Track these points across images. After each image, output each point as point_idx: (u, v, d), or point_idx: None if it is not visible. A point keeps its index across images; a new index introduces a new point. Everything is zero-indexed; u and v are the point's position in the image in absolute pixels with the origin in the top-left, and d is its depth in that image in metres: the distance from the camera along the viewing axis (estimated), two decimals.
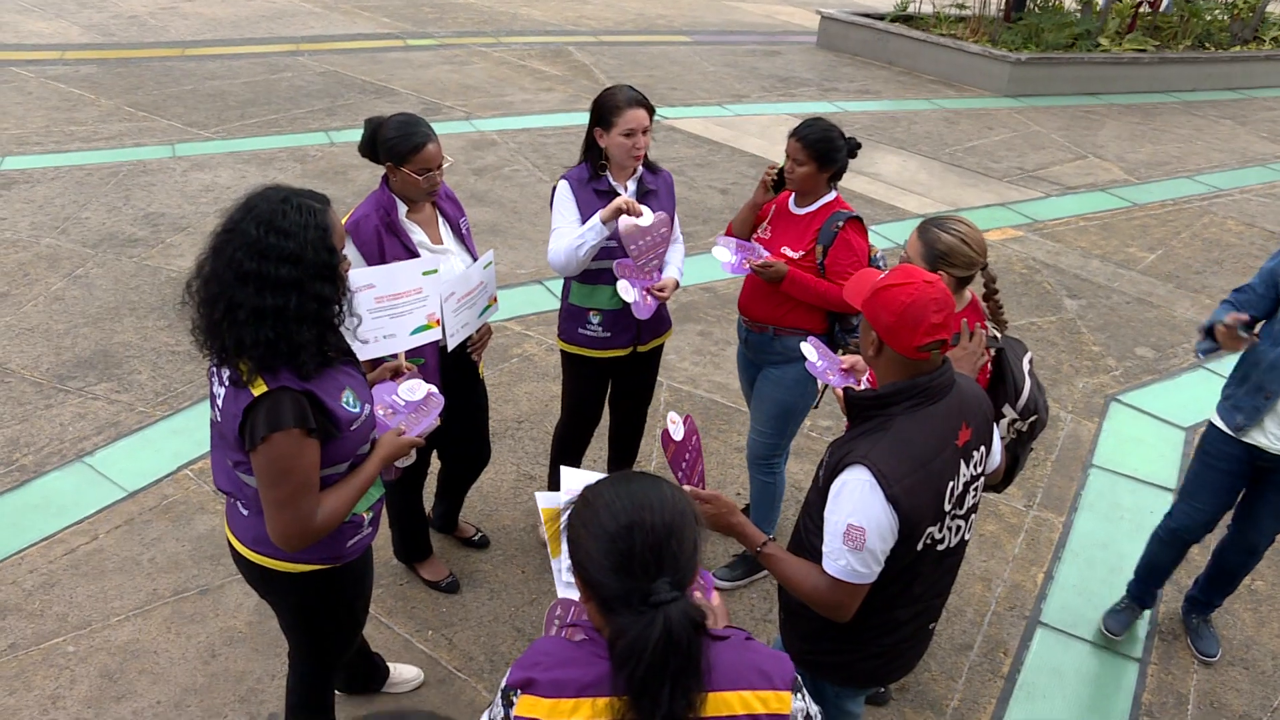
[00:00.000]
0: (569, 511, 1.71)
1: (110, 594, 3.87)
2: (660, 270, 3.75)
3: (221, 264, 2.25)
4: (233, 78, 10.41)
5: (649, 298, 3.67)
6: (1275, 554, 4.59)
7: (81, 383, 5.16)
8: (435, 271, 3.17)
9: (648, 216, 3.61)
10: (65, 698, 3.43)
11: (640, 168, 3.70)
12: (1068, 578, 4.38)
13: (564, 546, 1.75)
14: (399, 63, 11.48)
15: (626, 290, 3.62)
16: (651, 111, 3.62)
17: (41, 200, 7.21)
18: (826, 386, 3.44)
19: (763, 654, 1.71)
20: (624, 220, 3.57)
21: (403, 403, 2.74)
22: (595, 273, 3.69)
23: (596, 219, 3.56)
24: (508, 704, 1.66)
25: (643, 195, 3.71)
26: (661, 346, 4.06)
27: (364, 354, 2.94)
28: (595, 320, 3.81)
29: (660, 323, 3.91)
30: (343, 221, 3.32)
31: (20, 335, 5.52)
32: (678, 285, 3.75)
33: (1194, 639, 4.07)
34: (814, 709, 1.75)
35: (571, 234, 3.62)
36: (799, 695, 1.70)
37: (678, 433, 2.53)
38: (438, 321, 3.19)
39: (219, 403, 2.37)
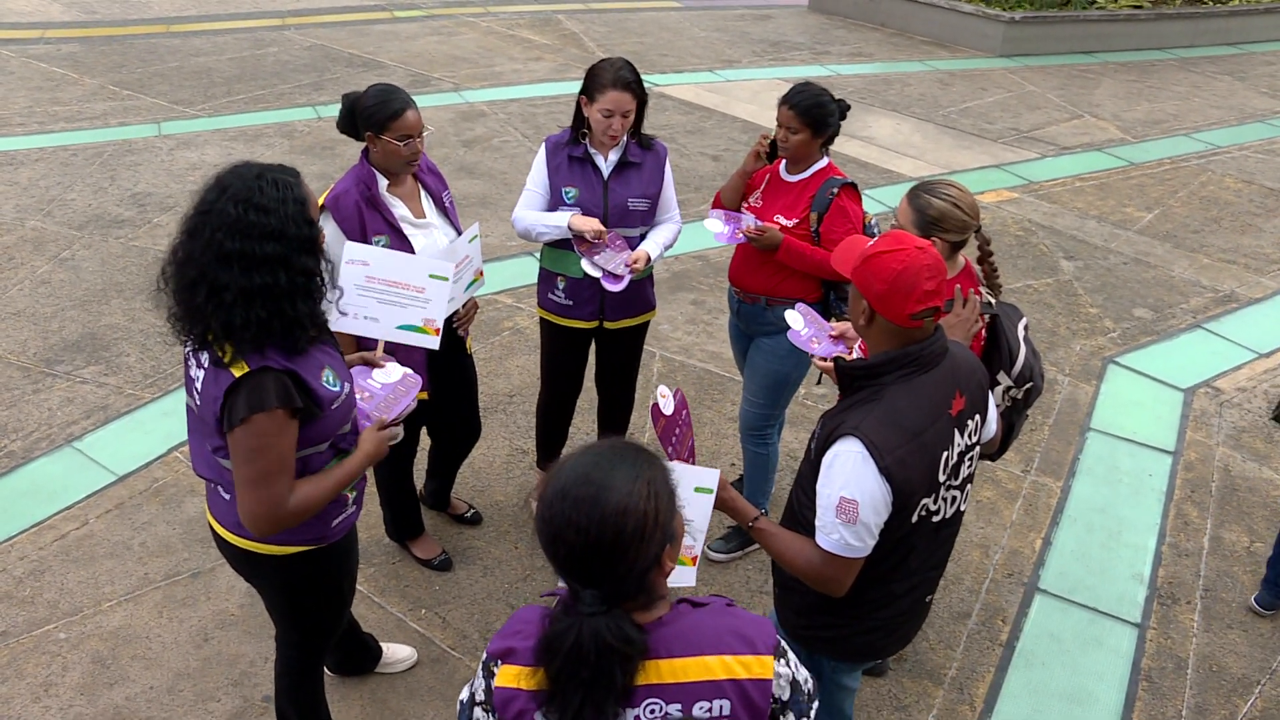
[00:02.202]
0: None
1: (101, 579, 3.84)
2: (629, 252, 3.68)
3: (199, 246, 2.19)
4: (218, 54, 10.28)
5: (624, 271, 3.60)
6: (1274, 515, 4.57)
7: (69, 366, 5.11)
8: (445, 280, 3.01)
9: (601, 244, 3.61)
10: (58, 685, 3.40)
11: (626, 139, 3.63)
12: (1066, 543, 4.35)
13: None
14: (386, 35, 11.34)
15: (590, 268, 3.57)
16: (640, 96, 3.55)
17: (26, 182, 7.12)
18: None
19: (744, 619, 1.68)
20: (579, 226, 3.58)
21: (378, 385, 2.69)
22: (565, 240, 3.64)
23: (565, 220, 3.57)
24: (488, 674, 1.64)
25: (622, 168, 3.64)
26: (643, 327, 4.00)
27: (340, 327, 2.88)
28: (560, 286, 3.79)
29: (632, 303, 3.83)
30: (323, 197, 3.28)
31: (6, 320, 5.46)
32: (650, 260, 3.67)
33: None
34: (803, 674, 1.70)
35: (535, 210, 3.67)
36: (782, 661, 1.66)
37: (668, 407, 2.47)
38: (437, 330, 3.03)
39: (197, 387, 2.32)
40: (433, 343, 3.07)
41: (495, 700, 1.62)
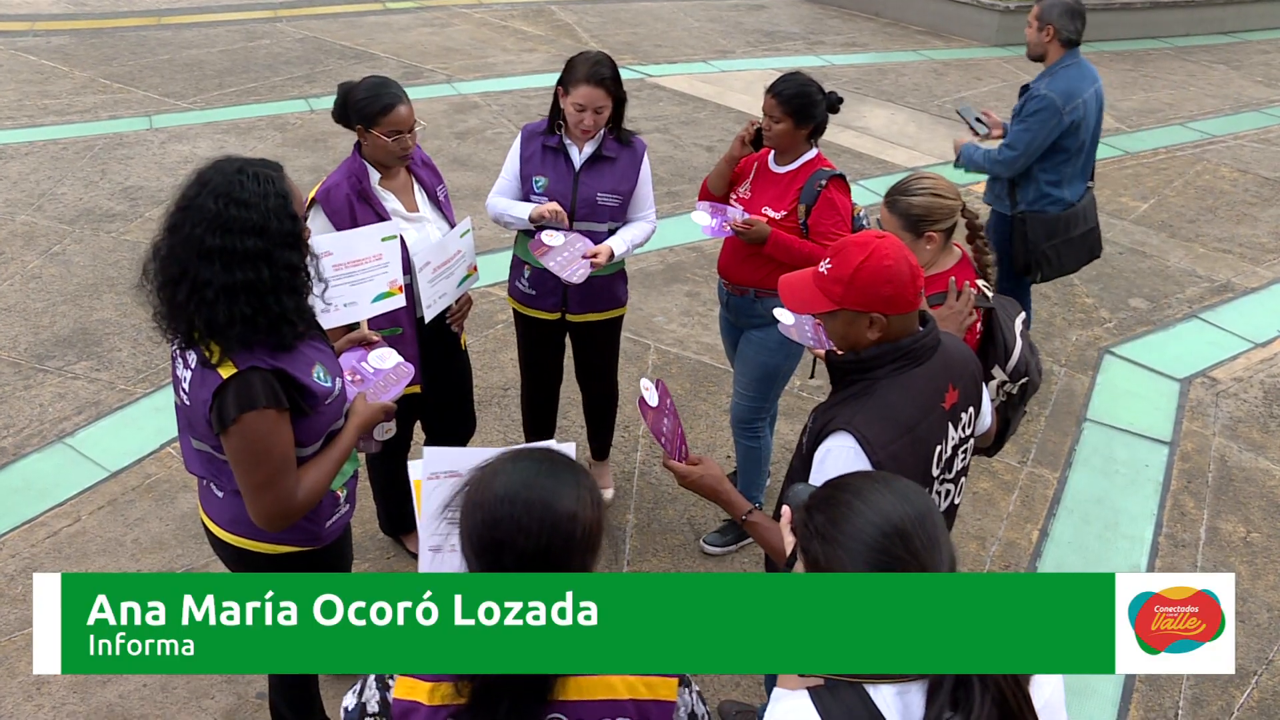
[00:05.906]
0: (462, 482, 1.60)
1: None
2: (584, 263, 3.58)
3: (179, 242, 2.17)
4: (210, 46, 10.23)
5: (580, 265, 3.54)
6: (1271, 505, 4.57)
7: (61, 362, 5.08)
8: (394, 238, 3.10)
9: (558, 237, 3.54)
10: (50, 683, 3.39)
11: (604, 133, 3.60)
12: (1063, 534, 4.34)
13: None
14: (379, 26, 11.29)
15: (548, 259, 3.54)
16: (615, 94, 3.50)
17: (15, 176, 7.08)
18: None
19: None
20: (544, 233, 3.55)
21: (371, 369, 2.68)
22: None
23: (527, 212, 3.56)
24: (384, 686, 1.58)
25: (595, 161, 3.61)
26: (614, 323, 3.96)
27: (325, 323, 2.87)
28: (526, 275, 3.78)
29: (598, 298, 3.78)
30: (314, 190, 3.25)
31: None
32: (612, 255, 3.59)
33: None
34: (701, 709, 1.66)
35: (506, 197, 3.70)
36: (686, 689, 1.63)
37: (653, 399, 2.45)
38: (400, 288, 3.11)
39: (185, 387, 2.30)
40: (400, 301, 3.15)
41: (394, 711, 1.57)
